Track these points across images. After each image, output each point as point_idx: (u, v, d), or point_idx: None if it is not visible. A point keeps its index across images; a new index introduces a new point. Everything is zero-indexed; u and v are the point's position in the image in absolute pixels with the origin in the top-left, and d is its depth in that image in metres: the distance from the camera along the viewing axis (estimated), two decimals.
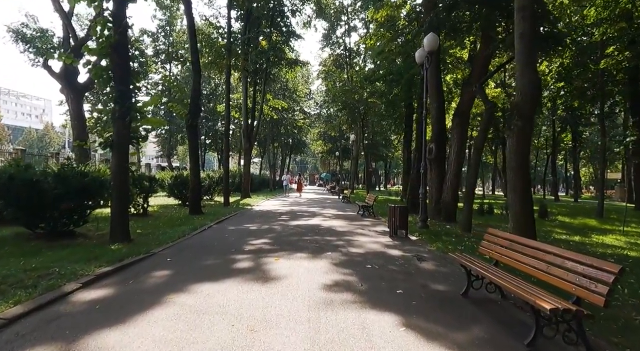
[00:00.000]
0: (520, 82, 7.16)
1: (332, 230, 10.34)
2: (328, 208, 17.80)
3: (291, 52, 23.57)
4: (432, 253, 7.29)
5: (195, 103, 13.19)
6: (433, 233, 9.69)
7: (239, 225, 10.86)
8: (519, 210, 7.00)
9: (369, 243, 8.23)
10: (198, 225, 10.38)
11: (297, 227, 10.65)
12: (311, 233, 9.53)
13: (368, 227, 11.14)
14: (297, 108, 44.27)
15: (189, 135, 13.38)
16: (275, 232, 9.61)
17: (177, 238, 8.26)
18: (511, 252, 4.32)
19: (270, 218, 13.06)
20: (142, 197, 12.56)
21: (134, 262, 5.91)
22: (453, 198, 12.35)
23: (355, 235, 9.43)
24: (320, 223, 11.71)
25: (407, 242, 8.63)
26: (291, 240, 8.45)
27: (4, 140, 62.08)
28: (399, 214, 9.30)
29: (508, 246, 4.42)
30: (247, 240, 8.33)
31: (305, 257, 6.63)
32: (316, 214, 14.83)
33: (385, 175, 65.56)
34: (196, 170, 13.26)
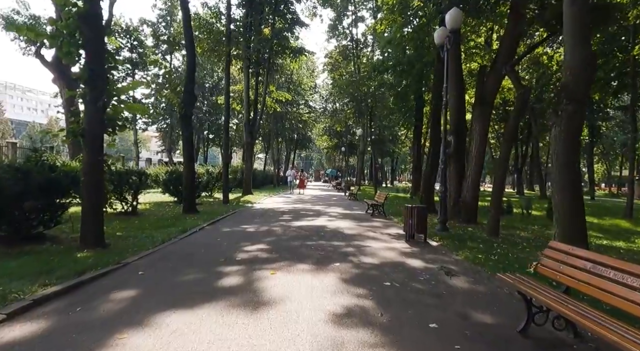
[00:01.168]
0: (570, 59, 5.88)
1: (340, 232, 9.15)
2: (334, 207, 16.61)
3: (295, 40, 22.26)
4: (461, 265, 6.06)
5: (189, 92, 12.03)
6: (456, 238, 8.47)
7: (235, 227, 9.71)
8: (569, 213, 5.75)
9: (383, 251, 7.03)
10: (189, 226, 9.24)
11: (299, 229, 9.48)
12: (316, 237, 8.34)
13: (379, 229, 9.94)
14: (302, 102, 42.98)
15: (182, 126, 12.23)
16: (274, 235, 8.44)
17: (160, 243, 7.12)
18: (593, 277, 3.10)
19: (270, 217, 11.90)
20: (131, 193, 11.48)
21: (96, 277, 4.76)
22: (474, 197, 11.09)
23: (366, 240, 8.23)
24: (326, 224, 10.53)
25: (428, 249, 7.41)
26: (292, 245, 7.27)
27: (6, 134, 61.64)
28: (416, 216, 8.08)
29: (587, 269, 3.19)
30: (241, 245, 7.17)
31: (308, 270, 5.45)
32: (321, 213, 13.65)
33: (392, 171, 64.19)
34: (190, 164, 12.12)
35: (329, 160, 72.24)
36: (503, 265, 5.86)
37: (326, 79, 45.78)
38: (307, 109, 42.84)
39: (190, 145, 12.16)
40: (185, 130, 12.08)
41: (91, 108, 6.60)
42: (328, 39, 37.53)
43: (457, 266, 5.93)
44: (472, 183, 11.01)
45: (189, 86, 12.05)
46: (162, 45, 34.11)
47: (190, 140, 12.24)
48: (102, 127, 6.76)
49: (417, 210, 8.12)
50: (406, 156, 65.23)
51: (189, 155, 12.06)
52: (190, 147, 12.14)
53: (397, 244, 7.80)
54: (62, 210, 7.60)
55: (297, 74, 39.84)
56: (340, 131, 44.92)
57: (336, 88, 30.65)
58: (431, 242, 8.20)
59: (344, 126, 42.91)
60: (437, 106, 14.56)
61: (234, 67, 23.00)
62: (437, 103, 14.52)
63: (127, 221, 9.80)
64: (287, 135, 43.77)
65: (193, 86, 12.30)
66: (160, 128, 36.99)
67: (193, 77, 12.35)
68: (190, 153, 12.11)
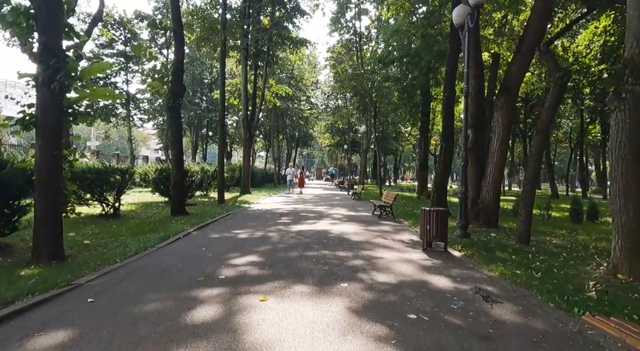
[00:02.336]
0: (637, 28, 4.68)
1: (345, 239, 7.97)
2: (337, 207, 15.43)
3: (297, 30, 21.03)
4: (499, 285, 4.87)
5: (177, 81, 10.87)
6: (481, 246, 7.28)
7: (226, 232, 8.54)
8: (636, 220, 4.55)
9: (398, 264, 5.85)
10: (173, 231, 8.08)
11: (299, 235, 8.30)
12: (317, 245, 7.16)
13: (390, 235, 8.75)
14: (304, 98, 41.77)
15: (169, 119, 11.08)
16: (269, 243, 7.27)
17: (132, 254, 5.97)
18: None
19: (267, 220, 10.73)
20: (112, 194, 10.34)
21: (25, 309, 3.60)
22: (495, 198, 9.90)
23: (376, 248, 7.05)
24: (329, 229, 9.34)
25: (451, 261, 6.22)
26: (290, 257, 6.09)
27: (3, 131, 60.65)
28: (436, 221, 6.89)
29: None
30: (228, 257, 6.00)
31: (308, 293, 4.28)
32: (324, 215, 12.47)
33: (395, 169, 62.91)
34: (179, 161, 10.95)
35: (330, 159, 70.99)
36: (552, 286, 4.67)
37: (328, 74, 44.64)
38: (309, 105, 41.60)
39: (179, 140, 10.99)
40: (173, 124, 10.91)
41: (45, 92, 5.44)
42: (330, 33, 36.16)
43: (494, 287, 4.74)
44: (493, 182, 9.81)
45: (177, 74, 10.88)
46: (159, 39, 32.95)
47: (179, 134, 11.07)
48: (59, 114, 5.59)
49: (436, 214, 6.93)
50: (409, 154, 64.05)
51: (177, 151, 10.89)
52: (179, 142, 10.97)
53: (414, 254, 6.61)
54: (19, 214, 6.47)
55: (299, 69, 38.64)
56: (343, 128, 43.73)
57: (339, 82, 29.39)
58: (453, 251, 7.01)
59: (347, 123, 41.71)
60: (449, 97, 13.35)
61: (231, 59, 21.82)
62: (450, 94, 13.33)
63: (105, 225, 8.65)
64: (288, 133, 42.62)
65: (182, 75, 11.13)
66: (157, 124, 35.77)
67: (181, 65, 11.18)
68: (179, 149, 10.94)
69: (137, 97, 27.79)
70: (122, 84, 27.50)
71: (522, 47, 9.22)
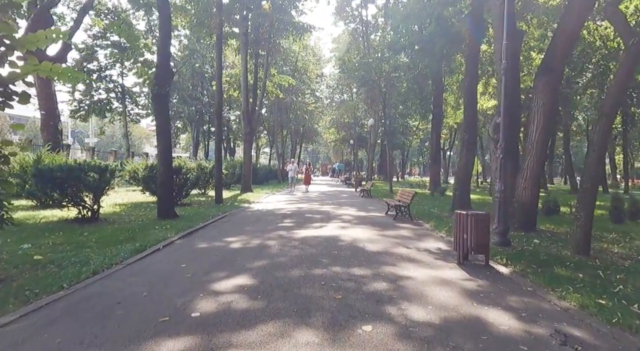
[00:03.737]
0: None
1: (360, 249, 6.57)
2: (346, 207, 14.02)
3: (300, 15, 19.50)
4: (586, 325, 3.44)
5: (163, 65, 9.48)
6: (529, 258, 5.84)
7: (216, 240, 7.17)
8: None
9: (434, 287, 4.44)
10: (152, 240, 6.73)
11: (303, 244, 6.90)
12: (326, 258, 5.77)
13: (412, 242, 7.33)
14: (308, 91, 40.25)
15: (155, 109, 9.70)
16: (267, 256, 5.88)
17: (87, 276, 4.62)
18: None
19: (268, 224, 9.35)
20: (90, 195, 9.02)
21: None
22: (533, 196, 8.42)
23: (400, 262, 5.64)
24: (339, 234, 7.94)
25: (500, 281, 4.79)
26: (291, 279, 4.70)
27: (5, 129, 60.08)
28: (475, 228, 5.46)
29: None
30: (211, 279, 4.63)
31: (316, 345, 2.89)
32: (331, 216, 11.07)
33: (402, 164, 61.26)
34: (166, 157, 9.59)
35: (336, 154, 69.45)
36: None
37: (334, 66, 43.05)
38: (313, 99, 40.08)
39: (166, 133, 9.62)
40: (159, 114, 9.54)
41: None
42: (335, 22, 34.50)
43: (582, 331, 3.31)
44: (531, 177, 8.33)
45: (163, 57, 9.50)
46: (157, 31, 31.55)
47: (166, 126, 9.69)
48: None
49: (474, 220, 5.49)
50: (416, 148, 62.34)
51: (164, 146, 9.52)
52: (165, 135, 9.60)
53: (450, 271, 5.19)
54: None
55: (303, 61, 37.12)
56: (349, 123, 42.21)
57: (345, 72, 27.85)
58: (496, 265, 5.59)
59: (353, 117, 40.18)
60: (472, 82, 11.86)
61: (230, 48, 20.41)
62: (472, 78, 11.84)
63: (74, 233, 7.32)
64: (292, 127, 41.17)
65: (168, 57, 9.76)
66: None
67: (167, 46, 9.78)
68: (166, 144, 9.57)
69: (134, 90, 26.50)
70: (117, 77, 26.19)
71: (568, 17, 7.69)
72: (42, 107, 17.89)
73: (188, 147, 47.53)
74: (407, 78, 25.26)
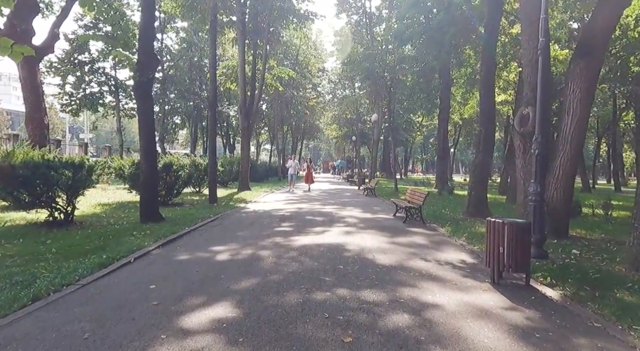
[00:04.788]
0: None
1: (369, 261, 5.53)
2: (350, 207, 12.97)
3: (300, 2, 18.30)
4: None
5: (146, 50, 8.41)
6: (578, 277, 4.80)
7: (200, 250, 6.14)
8: None
9: (471, 321, 3.40)
10: (124, 251, 5.69)
11: (303, 255, 5.86)
12: (330, 276, 4.73)
13: (430, 251, 6.28)
14: (310, 86, 39.08)
15: (137, 98, 8.66)
16: (258, 273, 4.84)
17: (20, 307, 3.60)
18: None
19: (263, 228, 8.32)
20: (64, 195, 8.00)
21: None
22: (566, 199, 7.37)
23: (420, 281, 4.60)
24: (344, 242, 6.90)
25: (555, 313, 3.74)
26: (285, 309, 3.66)
27: (2, 125, 59.20)
28: (514, 240, 4.42)
29: None
30: (183, 309, 3.59)
31: None
32: (334, 219, 10.02)
33: (404, 161, 60.15)
34: (150, 153, 8.55)
35: (338, 151, 68.34)
36: None
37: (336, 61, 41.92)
38: (315, 94, 38.94)
39: (149, 125, 8.55)
40: (141, 105, 8.48)
41: None
42: (337, 14, 33.28)
43: None
44: (564, 177, 7.28)
45: (146, 41, 8.43)
46: None
47: (149, 118, 8.62)
48: None
49: (513, 229, 4.45)
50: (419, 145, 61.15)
51: (147, 141, 8.47)
52: (149, 128, 8.53)
53: (485, 295, 4.15)
54: None
55: (304, 54, 35.96)
56: (351, 119, 41.11)
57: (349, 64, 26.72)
58: (539, 286, 4.55)
59: (355, 113, 39.06)
60: (489, 70, 10.78)
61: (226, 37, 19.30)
62: (489, 66, 10.76)
63: (37, 239, 6.32)
64: (294, 123, 40.06)
65: (152, 41, 8.70)
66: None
67: (151, 28, 8.71)
68: (149, 137, 8.52)
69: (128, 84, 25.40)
70: (110, 70, 25.08)
71: None
72: (27, 99, 16.82)
73: (187, 143, 46.54)
74: (413, 71, 24.15)
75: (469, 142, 45.57)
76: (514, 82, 22.64)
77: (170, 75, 31.71)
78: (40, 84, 17.72)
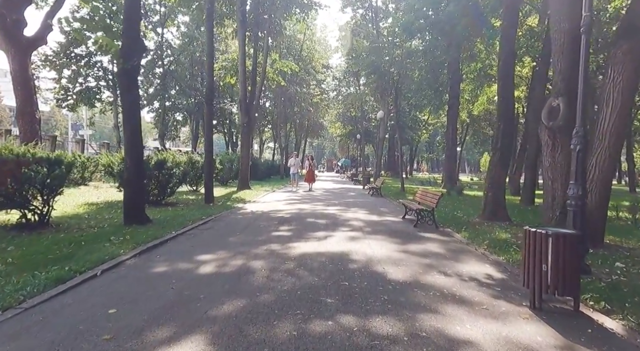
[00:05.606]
0: None
1: (379, 276, 4.67)
2: (354, 208, 12.11)
3: None
4: None
5: (130, 34, 7.60)
6: (638, 301, 3.91)
7: (182, 259, 5.31)
8: None
9: None
10: (93, 261, 4.88)
11: (300, 267, 5.02)
12: (333, 297, 3.88)
13: (449, 263, 5.42)
14: (314, 83, 38.19)
15: (121, 87, 7.89)
16: (244, 294, 3.99)
17: None
18: None
19: (259, 232, 7.48)
20: (40, 195, 7.20)
21: None
22: (602, 203, 6.48)
23: (443, 303, 3.74)
24: (349, 250, 6.05)
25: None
26: (275, 346, 2.82)
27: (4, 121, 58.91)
28: (561, 255, 3.56)
29: None
30: (137, 349, 2.77)
31: None
32: (338, 222, 9.17)
33: (410, 160, 59.10)
34: (135, 147, 7.74)
35: (342, 149, 67.41)
36: None
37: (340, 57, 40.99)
38: (319, 90, 38.05)
39: (134, 117, 7.71)
40: (125, 94, 7.66)
41: None
42: (342, 8, 32.34)
43: None
44: (600, 178, 6.38)
45: (131, 24, 7.62)
46: (153, 16, 29.67)
47: (135, 108, 7.80)
48: None
49: (562, 242, 3.58)
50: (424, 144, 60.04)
51: (131, 133, 7.65)
52: (134, 120, 7.70)
53: (526, 326, 3.29)
54: None
55: (308, 50, 35.07)
56: (355, 116, 40.18)
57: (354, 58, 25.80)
58: (591, 312, 3.68)
59: (360, 111, 38.13)
60: (507, 60, 9.87)
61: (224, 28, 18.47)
62: (508, 55, 9.85)
63: (7, 245, 5.52)
64: (297, 121, 39.19)
65: (138, 25, 7.88)
66: (154, 110, 32.60)
67: (137, 10, 7.88)
68: (135, 131, 7.69)
69: None
70: (108, 64, 24.34)
71: None
72: (18, 93, 16.10)
73: (187, 141, 45.84)
74: (421, 66, 23.18)
75: (475, 141, 44.53)
76: (527, 77, 21.67)
77: (171, 71, 30.94)
78: (31, 77, 17.03)
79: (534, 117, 16.30)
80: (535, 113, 16.28)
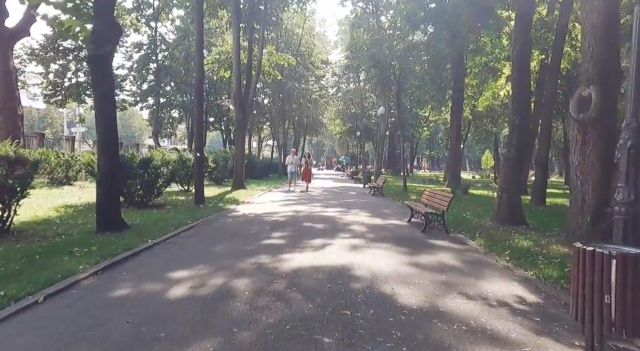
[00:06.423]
0: None
1: (387, 299, 3.82)
2: (355, 210, 11.25)
3: None
4: None
5: (102, 18, 6.72)
6: None
7: (152, 278, 4.45)
8: None
9: None
10: (41, 281, 4.02)
11: (292, 288, 4.17)
12: (332, 334, 3.02)
13: (468, 279, 4.56)
14: (313, 79, 37.25)
15: (92, 75, 7.02)
16: (218, 330, 3.12)
17: None
18: None
19: (248, 241, 6.62)
20: None
21: None
22: None
23: (473, 344, 2.89)
24: (351, 264, 5.19)
25: None
26: None
27: None
28: (631, 283, 2.70)
29: None
30: None
31: None
32: (338, 226, 8.31)
33: (411, 158, 58.25)
34: (109, 144, 6.86)
35: (341, 147, 66.49)
36: None
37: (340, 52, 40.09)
38: (318, 86, 37.12)
39: (108, 110, 6.83)
40: (97, 84, 6.79)
41: None
42: (342, 1, 31.37)
43: None
44: None
45: (102, 6, 6.74)
46: (146, 10, 28.72)
47: (109, 100, 6.91)
48: None
49: (631, 266, 2.73)
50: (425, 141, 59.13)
51: (106, 128, 6.77)
52: (108, 113, 6.82)
53: None
54: None
55: (307, 44, 34.13)
56: (355, 113, 39.28)
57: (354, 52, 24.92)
58: None
59: (360, 107, 37.24)
60: (524, 49, 8.99)
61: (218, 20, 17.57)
62: (524, 44, 8.97)
63: None
64: (296, 118, 38.27)
65: (111, 8, 7.00)
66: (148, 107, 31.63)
67: None
68: (109, 125, 6.81)
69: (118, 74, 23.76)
70: None
71: None
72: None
73: (183, 138, 44.97)
74: (423, 61, 22.26)
75: (477, 139, 43.68)
76: (535, 71, 20.77)
77: (166, 66, 30.00)
78: (13, 70, 16.13)
79: (545, 112, 15.46)
80: (547, 107, 15.44)
